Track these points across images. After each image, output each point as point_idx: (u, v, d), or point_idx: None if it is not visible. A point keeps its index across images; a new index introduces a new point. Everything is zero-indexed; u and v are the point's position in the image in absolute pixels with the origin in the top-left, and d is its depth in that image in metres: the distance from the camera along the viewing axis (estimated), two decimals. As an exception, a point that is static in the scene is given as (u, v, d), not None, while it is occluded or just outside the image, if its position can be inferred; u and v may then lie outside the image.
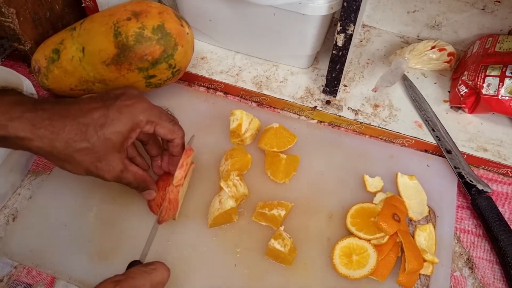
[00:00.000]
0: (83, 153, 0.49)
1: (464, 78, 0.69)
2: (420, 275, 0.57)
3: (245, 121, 0.65)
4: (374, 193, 0.63)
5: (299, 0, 0.62)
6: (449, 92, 0.75)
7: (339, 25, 0.61)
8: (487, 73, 0.66)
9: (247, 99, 0.76)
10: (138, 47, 0.61)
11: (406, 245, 0.56)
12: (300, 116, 0.74)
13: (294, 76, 0.76)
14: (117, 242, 0.58)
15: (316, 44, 0.71)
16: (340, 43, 0.63)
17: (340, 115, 0.71)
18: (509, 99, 0.65)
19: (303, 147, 0.68)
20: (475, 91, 0.68)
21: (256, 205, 0.60)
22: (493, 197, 0.62)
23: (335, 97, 0.73)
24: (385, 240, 0.57)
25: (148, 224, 0.59)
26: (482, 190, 0.63)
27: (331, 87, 0.71)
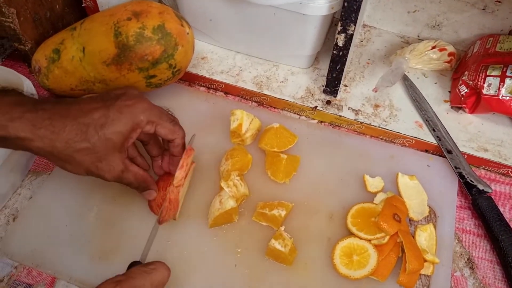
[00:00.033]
0: (83, 153, 0.49)
1: (465, 78, 0.69)
2: (420, 275, 0.57)
3: (245, 121, 0.65)
4: (374, 193, 0.63)
5: (299, 0, 0.62)
6: (449, 92, 0.75)
7: (339, 25, 0.61)
8: (487, 73, 0.66)
9: (247, 99, 0.76)
10: (139, 47, 0.61)
11: (407, 245, 0.56)
12: (300, 116, 0.74)
13: (295, 76, 0.76)
14: (117, 242, 0.58)
15: (317, 44, 0.71)
16: (341, 43, 0.63)
17: (340, 115, 0.71)
18: (509, 99, 0.65)
19: (304, 147, 0.68)
20: (476, 91, 0.68)
21: (257, 205, 0.60)
22: (493, 197, 0.62)
23: (335, 97, 0.73)
24: (385, 240, 0.57)
25: (149, 224, 0.59)
26: (483, 190, 0.63)
27: (331, 87, 0.71)
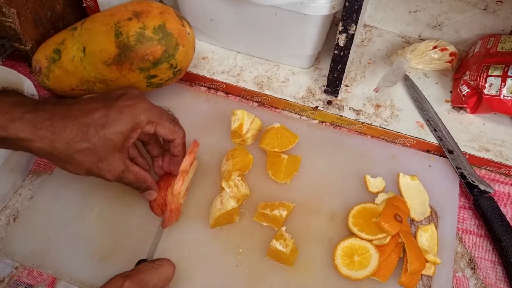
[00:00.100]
0: (84, 153, 0.49)
1: (466, 78, 0.69)
2: (422, 275, 0.57)
3: (246, 121, 0.65)
4: (375, 194, 0.63)
5: (300, 0, 0.62)
6: (451, 92, 0.75)
7: (340, 25, 0.61)
8: (489, 73, 0.66)
9: (248, 99, 0.75)
10: (139, 47, 0.60)
11: (408, 245, 0.56)
12: (301, 116, 0.74)
13: (296, 76, 0.76)
14: (118, 242, 0.58)
15: (318, 44, 0.71)
16: (342, 43, 0.63)
17: (341, 115, 0.71)
18: (511, 99, 0.64)
19: (305, 147, 0.68)
20: (477, 91, 0.68)
21: (258, 206, 0.60)
22: (495, 198, 0.62)
23: (336, 97, 0.73)
24: (387, 240, 0.57)
25: (150, 224, 0.59)
26: (484, 190, 0.63)
27: (332, 87, 0.71)
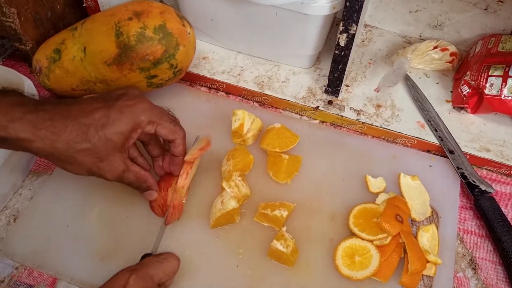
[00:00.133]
0: (84, 153, 0.49)
1: (467, 78, 0.69)
2: (423, 276, 0.57)
3: (247, 121, 0.65)
4: (376, 194, 0.63)
5: (301, 0, 0.62)
6: (451, 92, 0.75)
7: (341, 25, 0.61)
8: (489, 73, 0.66)
9: (249, 99, 0.75)
10: (140, 47, 0.60)
11: (409, 246, 0.56)
12: (302, 116, 0.73)
13: (296, 76, 0.76)
14: (118, 242, 0.58)
15: (318, 44, 0.71)
16: (343, 43, 0.63)
17: (342, 115, 0.71)
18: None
19: (305, 147, 0.68)
20: (478, 91, 0.68)
21: (258, 206, 0.60)
22: (496, 198, 0.62)
23: (337, 97, 0.73)
24: (387, 241, 0.57)
25: (150, 224, 0.59)
26: (485, 190, 0.63)
27: (333, 87, 0.71)
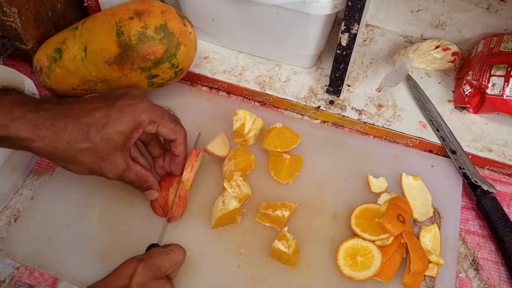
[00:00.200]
0: (85, 153, 0.48)
1: (469, 78, 0.69)
2: (425, 276, 0.57)
3: (248, 121, 0.65)
4: (378, 194, 0.63)
5: (302, -1, 0.62)
6: (453, 92, 0.74)
7: (343, 24, 0.61)
8: (492, 72, 0.66)
9: (250, 99, 0.75)
10: (141, 46, 0.60)
11: (411, 246, 0.56)
12: (303, 116, 0.73)
13: (297, 75, 0.75)
14: (119, 243, 0.58)
15: (320, 43, 0.71)
16: (344, 43, 0.63)
17: (343, 115, 0.70)
18: (514, 99, 0.64)
19: (307, 147, 0.68)
20: (480, 91, 0.67)
21: (260, 206, 0.60)
22: (498, 198, 0.62)
23: (338, 97, 0.72)
24: (389, 241, 0.57)
25: (151, 224, 0.59)
26: (487, 190, 0.63)
27: (334, 87, 0.71)
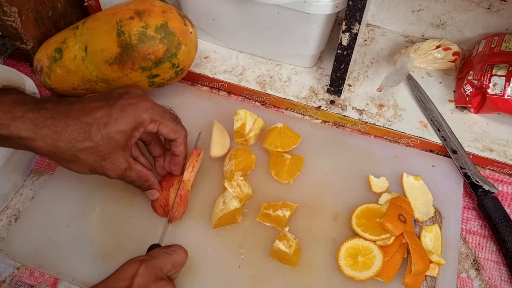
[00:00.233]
0: (87, 152, 0.48)
1: (470, 77, 0.69)
2: (426, 276, 0.57)
3: (249, 121, 0.65)
4: (379, 194, 0.63)
5: (303, -1, 0.62)
6: (454, 91, 0.74)
7: (344, 24, 0.61)
8: (493, 72, 0.66)
9: (250, 99, 0.75)
10: (141, 46, 0.60)
11: (412, 246, 0.56)
12: (304, 116, 0.73)
13: (298, 75, 0.75)
14: (120, 242, 0.58)
15: (321, 43, 0.71)
16: (345, 42, 0.63)
17: (344, 115, 0.70)
18: (515, 98, 0.64)
19: (308, 147, 0.68)
20: (481, 90, 0.67)
21: (261, 206, 0.60)
22: (499, 198, 0.62)
23: (339, 96, 0.72)
24: (390, 241, 0.57)
25: (152, 225, 0.59)
26: (488, 190, 0.62)
27: (335, 86, 0.71)
